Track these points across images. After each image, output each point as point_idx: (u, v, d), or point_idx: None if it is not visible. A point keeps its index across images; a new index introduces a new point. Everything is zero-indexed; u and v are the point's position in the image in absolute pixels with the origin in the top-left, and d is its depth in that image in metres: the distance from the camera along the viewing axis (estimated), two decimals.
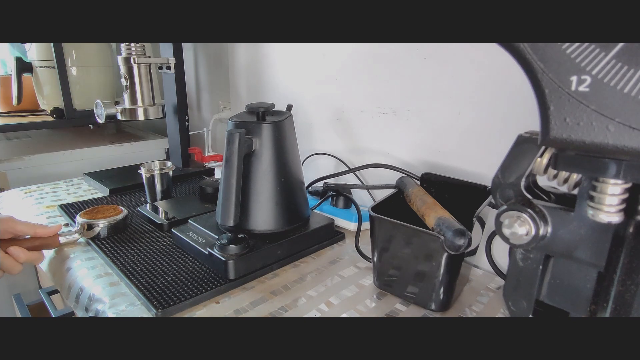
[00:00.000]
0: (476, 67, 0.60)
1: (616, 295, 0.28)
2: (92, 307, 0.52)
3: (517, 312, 0.34)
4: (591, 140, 0.24)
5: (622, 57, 0.22)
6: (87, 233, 0.66)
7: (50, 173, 1.13)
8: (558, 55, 0.24)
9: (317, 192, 0.80)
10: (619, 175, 0.25)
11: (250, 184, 0.60)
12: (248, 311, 0.50)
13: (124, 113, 0.90)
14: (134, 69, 0.88)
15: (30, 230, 0.59)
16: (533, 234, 0.30)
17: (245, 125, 0.60)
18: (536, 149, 0.30)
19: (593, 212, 0.27)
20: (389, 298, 0.54)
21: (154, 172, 0.81)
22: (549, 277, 0.33)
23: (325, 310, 0.51)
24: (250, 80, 1.04)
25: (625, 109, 0.23)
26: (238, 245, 0.56)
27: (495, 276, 0.60)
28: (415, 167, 0.71)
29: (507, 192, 0.32)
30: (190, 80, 1.28)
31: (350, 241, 0.70)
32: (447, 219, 0.46)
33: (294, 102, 0.88)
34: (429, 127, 0.68)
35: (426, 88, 0.67)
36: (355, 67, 0.77)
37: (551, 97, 0.25)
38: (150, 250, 0.63)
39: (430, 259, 0.48)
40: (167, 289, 0.52)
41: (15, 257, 0.55)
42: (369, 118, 0.77)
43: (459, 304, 0.53)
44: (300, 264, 0.62)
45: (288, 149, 0.63)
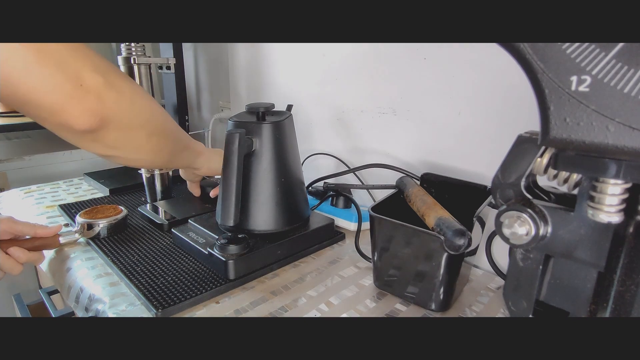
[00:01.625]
0: (476, 67, 0.60)
1: (616, 295, 0.28)
2: (92, 307, 0.52)
3: (517, 312, 0.34)
4: (591, 140, 0.24)
5: (622, 57, 0.22)
6: (87, 233, 0.66)
7: (50, 173, 1.13)
8: (558, 55, 0.24)
9: (317, 192, 0.80)
10: (619, 175, 0.25)
11: (250, 184, 0.60)
12: (248, 311, 0.50)
13: None
14: (134, 69, 0.88)
15: (30, 231, 0.59)
16: (533, 234, 0.30)
17: (245, 125, 0.60)
18: (536, 149, 0.30)
19: (593, 212, 0.27)
20: (389, 298, 0.54)
21: (154, 172, 0.81)
22: (549, 277, 0.33)
23: (325, 310, 0.51)
24: (250, 80, 1.04)
25: (625, 109, 0.23)
26: (238, 245, 0.56)
27: (495, 276, 0.60)
28: (415, 167, 0.71)
29: (507, 192, 0.32)
30: (190, 80, 1.28)
31: (350, 241, 0.70)
32: (447, 219, 0.46)
33: (294, 102, 0.88)
34: (429, 127, 0.68)
35: (426, 88, 0.67)
36: (355, 67, 0.77)
37: (551, 97, 0.25)
38: (150, 250, 0.63)
39: (430, 259, 0.48)
40: (167, 289, 0.52)
41: (15, 257, 0.55)
42: (369, 118, 0.77)
43: (459, 304, 0.53)
44: (300, 264, 0.62)
45: (288, 149, 0.63)
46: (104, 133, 0.45)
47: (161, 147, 0.54)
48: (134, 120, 0.48)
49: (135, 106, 0.47)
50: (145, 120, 0.49)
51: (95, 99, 0.42)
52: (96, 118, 0.42)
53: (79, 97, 0.40)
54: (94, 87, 0.41)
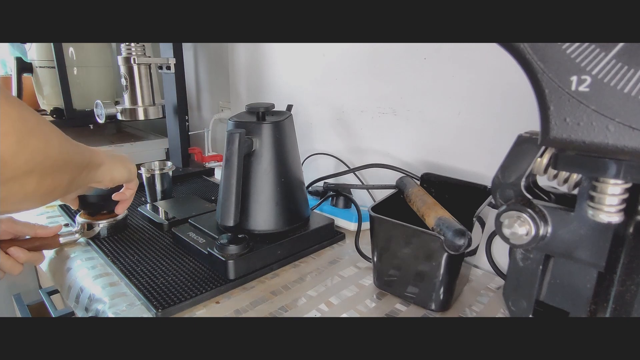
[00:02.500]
0: (476, 67, 0.60)
1: (616, 295, 0.28)
2: (92, 307, 0.52)
3: (517, 312, 0.34)
4: (591, 140, 0.24)
5: (622, 57, 0.22)
6: (87, 233, 0.66)
7: None
8: (558, 55, 0.24)
9: (317, 192, 0.80)
10: (619, 175, 0.25)
11: (250, 184, 0.60)
12: (248, 311, 0.50)
13: (124, 113, 0.90)
14: (134, 69, 0.88)
15: (30, 231, 0.59)
16: (533, 234, 0.30)
17: (246, 125, 0.60)
18: (536, 149, 0.30)
19: (593, 212, 0.27)
20: (389, 298, 0.54)
21: (154, 172, 0.81)
22: (549, 277, 0.33)
23: (325, 310, 0.51)
24: (250, 80, 1.04)
25: (625, 109, 0.23)
26: (238, 245, 0.56)
27: (495, 276, 0.60)
28: (415, 167, 0.71)
29: (507, 192, 0.32)
30: (190, 80, 1.28)
31: (350, 241, 0.70)
32: (447, 219, 0.46)
33: (294, 102, 0.88)
34: (429, 127, 0.68)
35: (426, 88, 0.67)
36: (355, 67, 0.77)
37: (551, 97, 0.25)
38: (150, 250, 0.63)
39: (430, 259, 0.48)
40: (167, 289, 0.52)
41: (15, 257, 0.55)
42: (369, 118, 0.77)
43: (459, 304, 0.53)
44: (300, 264, 0.62)
45: (288, 149, 0.63)
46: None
47: (57, 183, 0.40)
48: (21, 168, 0.33)
49: (27, 149, 0.33)
50: (37, 163, 0.35)
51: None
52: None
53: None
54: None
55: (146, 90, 0.90)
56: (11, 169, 0.32)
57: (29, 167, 0.34)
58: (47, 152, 0.36)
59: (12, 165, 0.32)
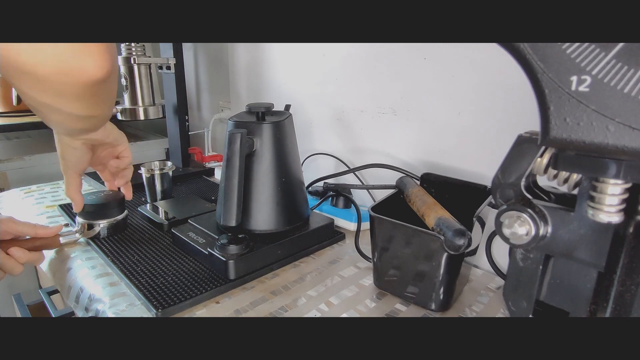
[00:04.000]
0: (476, 67, 0.60)
1: (616, 295, 0.28)
2: (92, 307, 0.52)
3: (517, 312, 0.34)
4: (591, 140, 0.24)
5: (622, 57, 0.22)
6: (87, 233, 0.66)
7: (50, 173, 1.13)
8: (558, 55, 0.24)
9: (317, 192, 0.80)
10: (619, 175, 0.25)
11: (251, 184, 0.60)
12: (248, 311, 0.50)
13: (124, 113, 0.90)
14: (134, 69, 0.88)
15: (30, 231, 0.59)
16: (533, 234, 0.30)
17: (246, 125, 0.60)
18: (536, 149, 0.30)
19: (593, 212, 0.27)
20: (389, 298, 0.54)
21: (154, 172, 0.81)
22: (549, 277, 0.33)
23: (325, 310, 0.51)
24: (250, 80, 1.04)
25: (625, 109, 0.23)
26: (238, 245, 0.56)
27: (495, 276, 0.60)
28: (415, 167, 0.71)
29: (507, 192, 0.32)
30: (190, 80, 1.28)
31: (350, 241, 0.70)
32: (447, 219, 0.46)
33: (294, 102, 0.88)
34: (429, 127, 0.68)
35: (426, 88, 0.67)
36: (355, 67, 0.77)
37: (551, 97, 0.25)
38: (150, 250, 0.63)
39: (430, 259, 0.48)
40: (167, 289, 0.52)
41: (16, 258, 0.55)
42: (369, 118, 0.77)
43: (459, 304, 0.53)
44: (300, 264, 0.62)
45: (288, 149, 0.63)
46: (106, 84, 0.41)
47: (113, 102, 0.50)
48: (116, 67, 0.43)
49: (115, 68, 0.42)
50: (114, 75, 0.44)
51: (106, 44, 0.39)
52: (110, 63, 0.39)
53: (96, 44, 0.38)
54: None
55: (146, 90, 0.90)
56: (116, 67, 0.42)
57: (114, 78, 0.45)
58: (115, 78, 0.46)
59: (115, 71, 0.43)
